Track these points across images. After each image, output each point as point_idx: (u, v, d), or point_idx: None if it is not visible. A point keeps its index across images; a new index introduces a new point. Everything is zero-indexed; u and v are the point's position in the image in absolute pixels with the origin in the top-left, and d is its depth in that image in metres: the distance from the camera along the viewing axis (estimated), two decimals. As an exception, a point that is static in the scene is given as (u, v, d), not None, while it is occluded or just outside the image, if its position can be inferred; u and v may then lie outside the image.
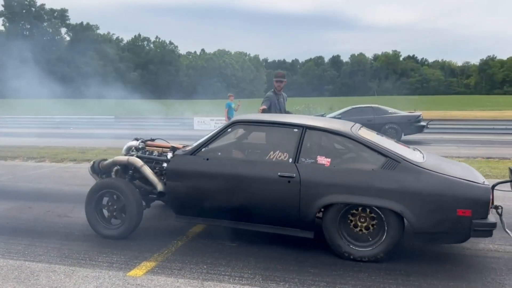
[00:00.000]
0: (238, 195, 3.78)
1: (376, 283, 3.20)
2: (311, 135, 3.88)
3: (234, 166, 3.86)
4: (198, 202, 3.92)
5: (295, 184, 3.62)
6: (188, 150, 4.06)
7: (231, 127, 4.06)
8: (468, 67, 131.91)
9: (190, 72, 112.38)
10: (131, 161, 4.21)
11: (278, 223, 3.79)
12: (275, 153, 3.85)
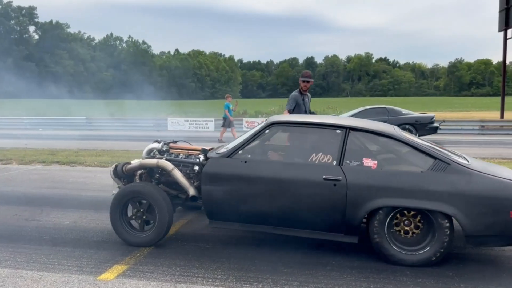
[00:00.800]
0: (279, 199, 3.61)
1: (348, 281, 3.25)
2: (354, 137, 3.76)
3: (274, 169, 3.69)
4: (235, 206, 3.72)
5: (342, 187, 3.48)
6: (224, 153, 3.87)
7: (268, 128, 3.89)
8: (437, 69, 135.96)
9: (164, 72, 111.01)
10: (161, 164, 3.98)
11: (320, 228, 3.64)
12: (317, 155, 3.69)
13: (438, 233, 3.40)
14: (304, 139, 4.15)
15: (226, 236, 4.30)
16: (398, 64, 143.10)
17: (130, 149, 12.02)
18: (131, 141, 14.91)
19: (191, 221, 4.82)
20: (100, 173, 7.97)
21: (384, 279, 3.28)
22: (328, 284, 3.19)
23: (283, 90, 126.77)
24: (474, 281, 3.24)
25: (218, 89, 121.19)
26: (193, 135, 18.49)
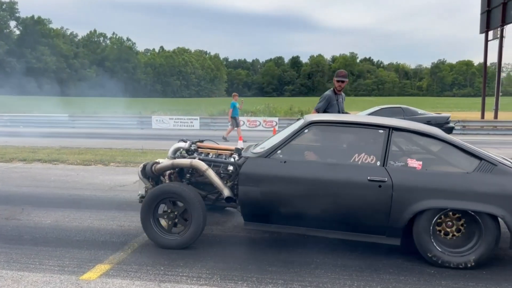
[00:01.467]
0: (320, 201, 3.54)
1: (331, 279, 3.27)
2: (398, 137, 3.71)
3: (316, 170, 3.60)
4: (274, 208, 3.64)
5: (387, 188, 3.42)
6: (262, 153, 3.77)
7: (307, 127, 3.79)
8: (420, 70, 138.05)
9: (148, 69, 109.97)
10: (195, 164, 3.87)
11: (362, 230, 3.58)
12: (360, 155, 3.62)
13: (484, 234, 3.36)
14: (345, 139, 4.07)
15: (211, 235, 4.29)
16: (382, 64, 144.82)
17: (113, 147, 11.88)
18: (115, 139, 14.73)
19: (175, 220, 4.78)
20: (83, 172, 7.86)
21: (367, 277, 3.31)
22: (312, 282, 3.21)
23: (269, 89, 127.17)
24: (455, 279, 3.30)
25: (204, 87, 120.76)
26: (177, 134, 18.37)
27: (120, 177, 7.32)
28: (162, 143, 13.65)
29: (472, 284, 3.21)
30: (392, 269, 3.47)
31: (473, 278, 3.31)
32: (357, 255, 3.76)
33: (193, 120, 21.59)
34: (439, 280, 3.27)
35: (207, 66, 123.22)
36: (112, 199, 5.74)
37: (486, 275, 3.37)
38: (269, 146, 3.82)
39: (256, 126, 21.21)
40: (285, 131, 4.06)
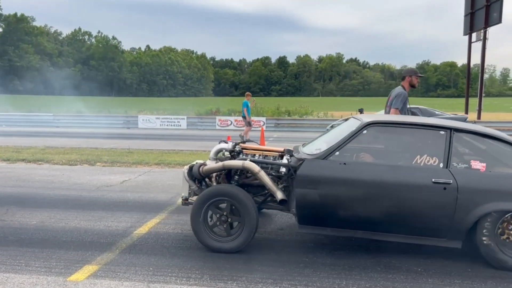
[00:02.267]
0: (382, 204, 3.46)
1: (321, 278, 3.29)
2: (459, 138, 3.65)
3: (378, 172, 3.51)
4: (332, 211, 3.55)
5: (452, 191, 3.37)
6: (319, 154, 3.66)
7: (366, 128, 3.70)
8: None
9: (134, 68, 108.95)
10: (247, 166, 3.74)
11: (422, 232, 3.52)
12: (422, 157, 3.56)
13: None
14: (405, 141, 3.96)
15: (200, 234, 4.27)
16: (368, 65, 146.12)
17: (99, 147, 11.75)
18: (100, 139, 14.57)
19: (164, 219, 4.76)
20: (69, 172, 7.76)
21: (356, 276, 3.34)
22: (301, 281, 3.23)
23: (256, 89, 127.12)
24: (441, 276, 3.36)
25: (190, 86, 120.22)
26: (164, 133, 18.27)
27: (107, 177, 7.24)
28: (149, 142, 13.57)
29: (458, 282, 3.26)
30: (380, 268, 3.51)
31: (458, 276, 3.37)
32: (346, 254, 3.79)
33: (180, 119, 21.49)
34: (426, 278, 3.32)
35: (194, 65, 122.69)
36: (99, 199, 5.67)
37: (471, 273, 3.43)
38: (325, 148, 3.72)
39: (243, 126, 21.16)
40: (338, 132, 4.00)
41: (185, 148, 11.77)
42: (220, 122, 21.31)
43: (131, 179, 7.15)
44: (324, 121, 22.09)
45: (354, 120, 4.11)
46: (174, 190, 6.29)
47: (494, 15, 12.23)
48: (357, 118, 4.12)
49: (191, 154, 10.52)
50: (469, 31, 13.67)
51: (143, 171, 7.97)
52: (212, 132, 19.87)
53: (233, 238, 3.75)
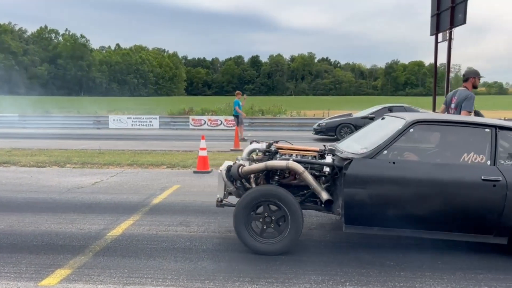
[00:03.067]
0: (431, 202, 3.49)
1: (297, 274, 3.33)
2: (504, 136, 3.70)
3: (427, 170, 3.52)
4: (381, 210, 3.54)
5: (501, 188, 3.42)
6: (367, 154, 3.62)
7: (412, 127, 3.70)
8: (375, 70, 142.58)
9: (104, 67, 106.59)
10: (291, 166, 3.70)
11: (470, 230, 3.56)
12: (469, 155, 3.59)
13: None
14: (450, 139, 3.98)
15: (175, 235, 4.24)
16: (339, 64, 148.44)
17: (69, 148, 11.45)
18: (70, 140, 14.19)
19: (138, 220, 4.70)
20: (37, 174, 7.52)
21: (331, 271, 3.40)
22: (278, 279, 3.25)
23: (229, 88, 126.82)
24: (413, 270, 3.46)
25: (162, 85, 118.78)
26: (136, 133, 17.98)
27: (78, 179, 7.07)
28: (121, 143, 13.32)
29: (429, 274, 3.37)
30: (354, 263, 3.58)
31: (429, 269, 3.48)
32: (321, 250, 3.85)
33: (153, 119, 21.16)
34: (399, 272, 3.41)
35: (166, 64, 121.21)
36: (70, 202, 5.53)
37: (441, 265, 3.56)
38: (373, 147, 3.68)
39: (217, 125, 21.10)
40: (378, 131, 3.99)
41: (158, 148, 11.63)
42: (194, 122, 21.14)
43: (103, 180, 7.00)
44: (297, 120, 22.28)
45: (396, 119, 4.11)
46: (147, 191, 6.21)
47: (459, 16, 12.65)
48: (399, 116, 4.14)
49: (164, 154, 10.40)
50: (436, 31, 14.07)
51: (115, 172, 7.83)
52: (185, 131, 19.69)
53: (279, 240, 3.69)
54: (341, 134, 14.77)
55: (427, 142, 4.17)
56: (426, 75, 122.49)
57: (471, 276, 3.34)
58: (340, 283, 3.19)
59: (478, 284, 3.20)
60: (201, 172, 7.75)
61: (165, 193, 6.09)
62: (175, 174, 7.62)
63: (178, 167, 8.40)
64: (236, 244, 3.99)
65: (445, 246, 3.99)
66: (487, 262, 3.63)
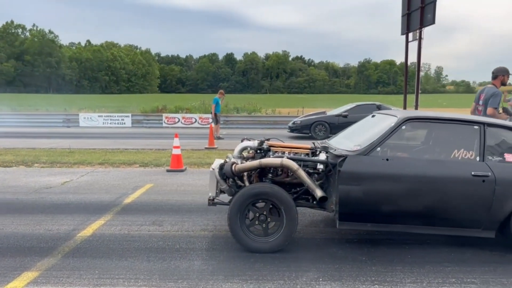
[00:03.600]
0: (423, 197, 3.56)
1: (271, 271, 3.34)
2: (491, 132, 3.80)
3: (420, 166, 3.60)
4: (375, 206, 3.59)
5: (490, 183, 3.53)
6: (361, 150, 3.65)
7: (404, 124, 3.77)
8: (348, 68, 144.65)
9: (74, 64, 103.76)
10: (285, 163, 3.68)
11: (460, 224, 3.65)
12: (459, 151, 3.68)
13: None
14: (440, 135, 4.06)
15: (148, 235, 4.18)
16: (313, 63, 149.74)
17: (37, 147, 11.09)
18: (38, 138, 13.75)
19: (110, 220, 4.59)
20: (3, 174, 7.25)
21: (304, 267, 3.43)
22: (252, 276, 3.25)
23: (204, 86, 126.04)
24: (383, 264, 3.53)
25: (135, 83, 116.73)
26: (108, 132, 17.61)
27: (46, 179, 6.86)
28: (91, 142, 13.01)
29: (399, 268, 3.45)
30: (327, 259, 3.62)
31: (399, 262, 3.56)
32: (293, 247, 3.87)
33: (125, 117, 20.76)
34: (370, 266, 3.47)
35: (138, 61, 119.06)
36: (37, 202, 5.36)
37: (411, 259, 3.64)
38: (366, 144, 3.71)
39: (192, 123, 20.91)
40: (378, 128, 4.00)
41: (130, 147, 11.42)
42: (167, 120, 20.87)
43: (72, 180, 6.82)
44: (272, 118, 22.35)
45: (387, 116, 4.17)
46: (119, 190, 6.09)
47: (428, 16, 12.95)
48: (390, 114, 4.20)
49: (137, 152, 10.23)
50: (406, 31, 14.37)
51: (85, 171, 7.64)
52: (158, 130, 19.43)
53: (272, 238, 3.71)
54: (316, 132, 14.93)
55: (419, 139, 4.25)
56: (397, 74, 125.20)
57: (440, 269, 3.43)
58: (313, 279, 3.22)
59: (446, 276, 3.30)
60: (174, 170, 7.66)
61: (138, 192, 5.98)
62: (148, 173, 7.51)
63: (151, 165, 8.27)
64: (210, 243, 3.96)
65: (415, 240, 4.09)
66: (456, 255, 3.75)
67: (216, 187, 4.04)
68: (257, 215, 3.74)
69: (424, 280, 3.23)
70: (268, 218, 3.73)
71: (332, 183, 3.78)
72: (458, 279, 3.26)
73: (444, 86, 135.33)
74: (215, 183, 4.02)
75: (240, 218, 3.69)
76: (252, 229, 3.78)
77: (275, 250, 3.70)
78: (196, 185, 6.50)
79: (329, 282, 3.16)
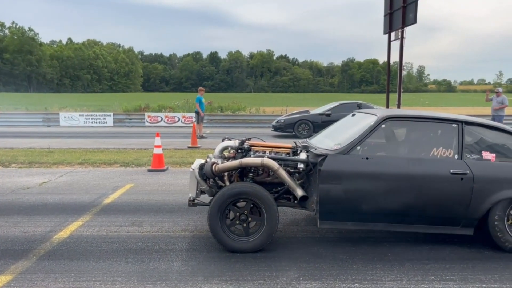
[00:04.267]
0: (403, 196, 3.57)
1: (251, 271, 3.31)
2: (469, 131, 3.84)
3: (400, 165, 3.61)
4: (356, 205, 3.60)
5: (468, 181, 3.56)
6: (341, 149, 3.65)
7: (383, 123, 3.79)
8: (332, 67, 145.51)
9: (55, 62, 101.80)
10: (266, 163, 3.65)
11: (439, 222, 3.69)
12: (438, 149, 3.72)
13: None
14: (419, 134, 4.09)
15: (126, 236, 4.10)
16: (297, 62, 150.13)
17: (15, 147, 10.83)
18: (16, 138, 13.44)
19: (88, 221, 4.50)
20: (-22, 174, 7.04)
21: (285, 266, 3.41)
22: (232, 276, 3.22)
23: (188, 84, 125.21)
24: (364, 262, 3.54)
25: (117, 81, 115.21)
26: (89, 131, 17.33)
27: (23, 179, 6.69)
28: (72, 141, 12.79)
29: (380, 266, 3.46)
30: (308, 257, 3.61)
31: (379, 260, 3.57)
32: (274, 247, 3.84)
33: (106, 116, 20.45)
34: (351, 265, 3.48)
35: (121, 59, 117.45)
36: (13, 203, 5.22)
37: (391, 257, 3.66)
38: (347, 143, 3.72)
39: (175, 122, 20.72)
40: (350, 127, 4.03)
41: (112, 147, 11.25)
42: (150, 119, 20.65)
43: (51, 180, 6.67)
44: (256, 117, 22.32)
45: (367, 115, 4.19)
46: (98, 190, 5.98)
47: (410, 15, 13.08)
48: (369, 112, 4.23)
49: (118, 152, 10.08)
50: (389, 30, 14.49)
51: (64, 171, 7.48)
52: (141, 129, 19.21)
53: (253, 238, 3.68)
54: (299, 130, 14.97)
55: (402, 137, 4.30)
56: (380, 73, 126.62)
57: (419, 267, 3.45)
58: (294, 278, 3.20)
59: (425, 274, 3.32)
60: (156, 170, 7.56)
61: (118, 192, 5.88)
62: (129, 173, 7.39)
63: (132, 165, 8.16)
64: (190, 243, 3.92)
65: (395, 238, 4.12)
66: (435, 253, 3.78)
67: (197, 188, 3.99)
68: (237, 215, 3.71)
69: (403, 278, 3.24)
70: (249, 218, 3.71)
71: (312, 182, 3.78)
72: (437, 276, 3.28)
73: (426, 85, 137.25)
74: (195, 183, 3.97)
75: (221, 218, 3.66)
76: (232, 229, 3.75)
77: (256, 250, 3.68)
78: (177, 185, 6.43)
79: (309, 282, 3.15)
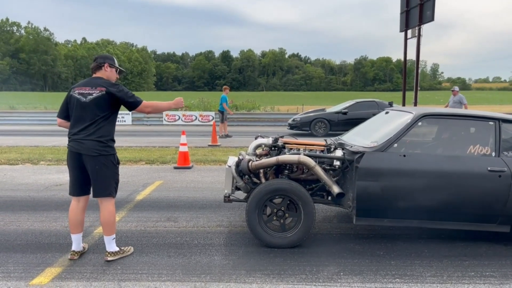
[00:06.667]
0: (441, 193, 3.59)
1: (291, 266, 3.36)
2: (506, 128, 3.86)
3: (437, 162, 3.64)
4: (393, 202, 3.62)
5: (506, 178, 3.59)
6: (378, 147, 3.69)
7: (420, 120, 3.81)
8: (345, 65, 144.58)
9: (69, 62, 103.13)
10: (303, 160, 3.71)
11: (476, 219, 3.70)
12: (475, 147, 3.74)
13: None
14: (456, 131, 4.09)
15: (164, 231, 4.20)
16: (309, 60, 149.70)
17: (40, 145, 11.07)
18: (39, 136, 13.71)
19: (125, 217, 4.61)
20: (11, 172, 7.25)
21: (324, 262, 3.46)
22: (274, 270, 3.27)
23: (200, 83, 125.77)
24: (402, 258, 3.57)
25: (131, 80, 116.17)
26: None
27: (55, 176, 6.86)
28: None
29: (418, 262, 3.49)
30: (346, 253, 3.66)
31: (417, 257, 3.61)
32: (313, 242, 3.90)
33: (125, 115, 20.67)
34: (389, 261, 3.52)
35: (135, 59, 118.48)
36: (50, 199, 5.37)
37: (428, 253, 3.69)
38: (384, 140, 3.75)
39: (192, 121, 20.88)
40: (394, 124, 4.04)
41: (134, 145, 11.41)
42: (167, 117, 20.84)
43: (81, 177, 6.81)
44: (272, 115, 22.36)
45: (402, 113, 4.20)
46: (129, 187, 6.11)
47: (428, 13, 12.95)
48: (405, 110, 4.24)
49: (141, 150, 10.23)
50: (405, 28, 14.39)
51: (93, 168, 7.62)
52: (159, 127, 19.41)
53: (290, 233, 3.74)
54: (315, 129, 14.96)
55: (434, 135, 4.32)
56: (393, 71, 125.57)
57: (458, 263, 3.48)
58: (334, 273, 3.25)
59: (465, 270, 3.35)
60: (182, 167, 7.67)
61: (148, 189, 6.00)
62: (156, 170, 7.52)
63: (157, 163, 8.29)
64: (227, 238, 4.00)
65: (428, 235, 4.14)
66: (471, 249, 3.80)
67: (232, 184, 4.06)
68: (274, 211, 3.78)
69: (443, 273, 3.27)
70: (285, 214, 3.77)
71: (348, 180, 3.82)
72: (477, 272, 3.31)
73: (440, 83, 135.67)
74: (231, 180, 4.04)
75: (258, 214, 3.73)
76: (269, 225, 3.82)
77: (293, 245, 3.74)
78: (205, 182, 6.52)
79: (350, 276, 3.20)
